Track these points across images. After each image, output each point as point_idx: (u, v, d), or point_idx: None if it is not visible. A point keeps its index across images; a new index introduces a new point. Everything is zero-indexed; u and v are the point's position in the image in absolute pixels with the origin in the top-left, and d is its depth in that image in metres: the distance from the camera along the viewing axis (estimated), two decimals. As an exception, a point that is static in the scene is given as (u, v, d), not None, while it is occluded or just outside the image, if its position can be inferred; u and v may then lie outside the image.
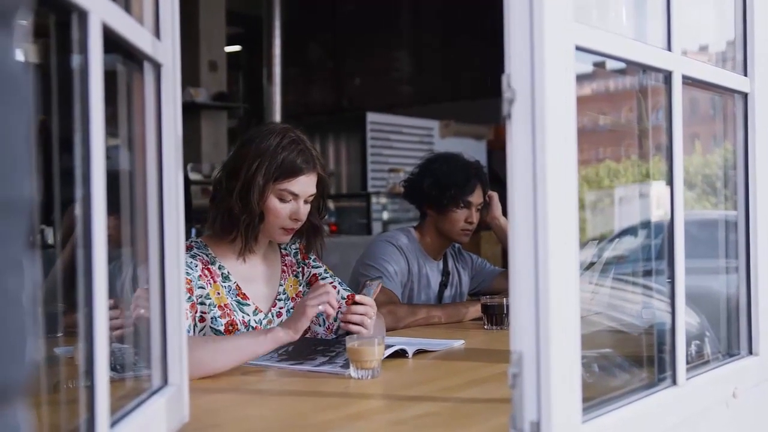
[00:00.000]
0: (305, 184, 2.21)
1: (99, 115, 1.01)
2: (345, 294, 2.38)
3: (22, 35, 0.60)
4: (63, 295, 1.15)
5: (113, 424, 1.08)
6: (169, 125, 1.36)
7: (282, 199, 2.20)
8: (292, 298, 2.36)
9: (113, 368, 1.18)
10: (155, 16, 1.35)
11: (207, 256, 2.22)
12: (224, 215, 2.20)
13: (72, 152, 1.01)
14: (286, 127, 2.25)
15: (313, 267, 2.43)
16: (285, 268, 2.38)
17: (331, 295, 2.01)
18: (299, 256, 2.43)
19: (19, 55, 0.58)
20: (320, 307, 1.98)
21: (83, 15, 0.98)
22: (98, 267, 1.00)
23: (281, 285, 2.35)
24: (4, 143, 0.54)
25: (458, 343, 2.35)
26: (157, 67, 1.34)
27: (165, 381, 1.36)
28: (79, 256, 1.00)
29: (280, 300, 2.34)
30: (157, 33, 1.34)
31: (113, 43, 1.10)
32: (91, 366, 0.99)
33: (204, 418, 1.52)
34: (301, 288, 2.39)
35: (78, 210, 1.00)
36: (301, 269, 2.42)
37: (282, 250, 2.41)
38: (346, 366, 1.90)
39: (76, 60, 1.00)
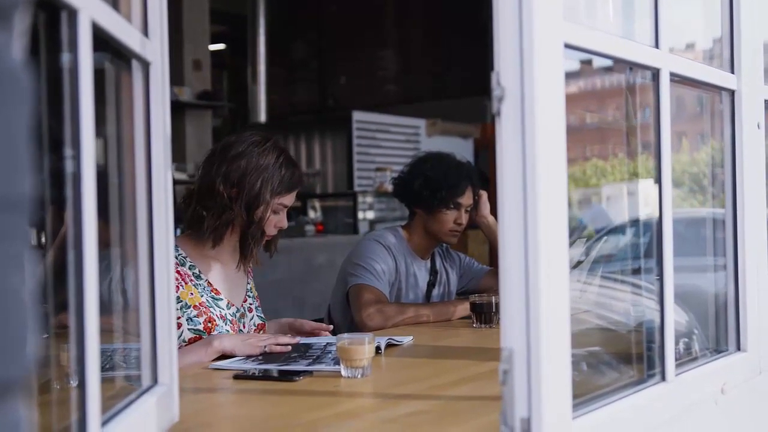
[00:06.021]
0: (294, 197, 2.34)
1: (89, 113, 1.00)
2: (258, 321, 2.42)
3: (20, 33, 0.59)
4: (49, 295, 1.15)
5: (103, 423, 1.07)
6: (158, 124, 1.36)
7: (275, 212, 2.29)
8: (256, 297, 2.47)
9: (102, 368, 1.17)
10: (143, 14, 1.34)
11: (176, 257, 2.23)
12: (225, 226, 2.25)
13: (60, 152, 1.00)
14: (274, 140, 2.33)
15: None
16: (249, 268, 2.46)
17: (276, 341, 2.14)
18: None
19: (18, 53, 0.58)
20: (266, 348, 2.11)
21: (73, 13, 0.98)
22: (88, 267, 0.99)
23: (248, 283, 2.45)
24: (5, 140, 0.54)
25: (407, 339, 2.36)
26: (145, 65, 1.33)
27: (155, 380, 1.36)
28: (69, 257, 0.99)
29: (249, 297, 2.42)
30: (145, 31, 1.34)
31: (101, 41, 1.10)
32: (82, 367, 0.99)
33: (194, 417, 1.51)
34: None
35: (67, 210, 1.00)
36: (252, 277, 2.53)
37: None
38: (337, 362, 1.89)
39: (65, 58, 0.99)
